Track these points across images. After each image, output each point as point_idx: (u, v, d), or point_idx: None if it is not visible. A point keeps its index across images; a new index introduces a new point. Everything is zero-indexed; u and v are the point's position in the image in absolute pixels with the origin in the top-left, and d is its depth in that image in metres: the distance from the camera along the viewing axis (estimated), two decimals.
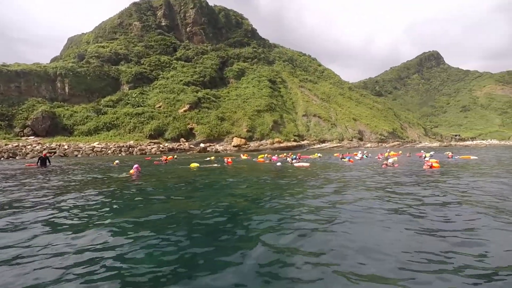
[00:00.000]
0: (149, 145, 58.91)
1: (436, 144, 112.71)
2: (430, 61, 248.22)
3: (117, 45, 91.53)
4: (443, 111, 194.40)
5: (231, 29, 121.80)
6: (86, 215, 5.96)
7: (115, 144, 55.06)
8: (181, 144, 62.42)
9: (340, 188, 8.71)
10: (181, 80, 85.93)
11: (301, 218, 5.41)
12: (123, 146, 54.07)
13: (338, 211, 5.84)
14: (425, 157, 21.49)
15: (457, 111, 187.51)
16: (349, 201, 6.83)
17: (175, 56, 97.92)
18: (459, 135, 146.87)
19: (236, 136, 70.71)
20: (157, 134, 65.55)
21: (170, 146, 59.38)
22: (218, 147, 65.49)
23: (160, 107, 73.50)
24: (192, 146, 62.81)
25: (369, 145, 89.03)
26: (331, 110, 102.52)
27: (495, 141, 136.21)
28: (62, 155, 43.67)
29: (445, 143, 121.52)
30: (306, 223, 5.03)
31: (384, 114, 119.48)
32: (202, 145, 63.13)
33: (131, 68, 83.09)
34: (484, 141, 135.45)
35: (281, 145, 72.16)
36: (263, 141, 72.99)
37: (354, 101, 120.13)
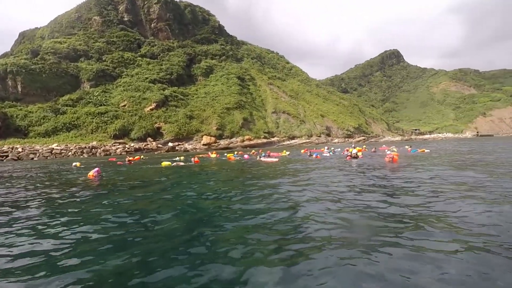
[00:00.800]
0: (114, 145, 56.35)
1: (398, 138, 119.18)
2: (391, 59, 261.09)
3: (76, 40, 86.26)
4: (404, 106, 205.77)
5: (198, 26, 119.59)
6: (28, 225, 5.48)
7: (76, 146, 52.06)
8: (148, 144, 60.41)
9: (305, 185, 8.79)
10: (146, 78, 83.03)
11: (268, 224, 4.92)
12: (85, 147, 51.27)
13: (300, 212, 5.88)
14: (389, 151, 22.47)
15: (416, 106, 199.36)
16: (312, 200, 6.93)
17: (139, 53, 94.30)
18: (419, 129, 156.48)
19: (206, 135, 69.76)
20: (122, 134, 62.91)
21: (137, 146, 57.25)
22: (187, 146, 64.24)
23: (124, 105, 70.53)
24: (160, 145, 61.03)
25: (336, 140, 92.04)
26: (300, 107, 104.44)
27: (450, 135, 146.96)
28: (16, 158, 40.43)
29: (406, 137, 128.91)
30: (270, 231, 4.52)
31: (350, 110, 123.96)
32: (170, 144, 61.57)
33: (92, 65, 78.75)
34: (440, 135, 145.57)
35: (251, 142, 72.31)
36: (233, 139, 72.70)
37: (322, 98, 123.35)
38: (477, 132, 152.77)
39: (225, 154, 29.97)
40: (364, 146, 31.71)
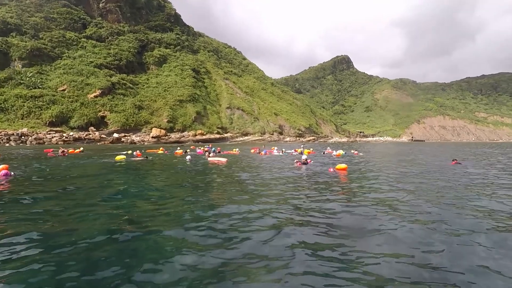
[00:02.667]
0: (49, 133, 51.03)
1: (344, 139, 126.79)
2: (342, 64, 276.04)
3: (6, 12, 75.77)
4: (351, 110, 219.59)
5: (152, 11, 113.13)
6: None
7: (1, 132, 46.02)
8: (90, 134, 55.79)
9: (252, 194, 8.46)
10: (91, 62, 76.36)
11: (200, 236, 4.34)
12: (13, 134, 45.63)
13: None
14: (335, 154, 23.39)
15: (361, 110, 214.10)
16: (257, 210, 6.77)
17: (84, 34, 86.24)
18: (363, 132, 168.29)
19: (156, 127, 66.71)
20: (60, 122, 57.18)
21: (77, 136, 52.55)
22: (135, 137, 60.77)
23: (64, 90, 64.07)
24: (103, 136, 56.78)
25: (288, 139, 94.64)
26: (254, 104, 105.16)
27: (389, 138, 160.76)
28: None
29: (352, 139, 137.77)
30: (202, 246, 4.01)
31: (302, 110, 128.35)
32: (115, 135, 57.70)
33: (26, 42, 69.92)
34: (381, 138, 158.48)
35: (204, 137, 70.97)
36: (185, 133, 70.64)
37: (276, 97, 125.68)
38: (412, 137, 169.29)
39: (178, 148, 28.77)
40: (311, 149, 32.85)
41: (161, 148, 29.83)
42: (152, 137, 62.40)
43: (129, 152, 23.01)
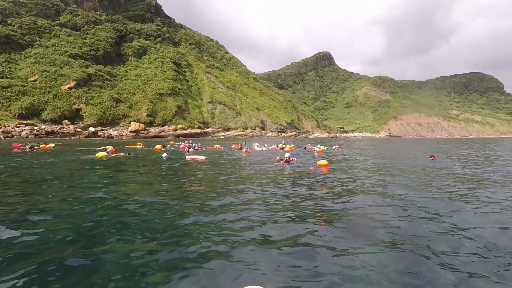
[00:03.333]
0: (18, 126, 48.30)
1: (325, 135, 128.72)
2: (324, 60, 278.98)
3: None
4: (332, 106, 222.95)
5: (131, 1, 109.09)
6: None
7: None
8: (64, 127, 53.28)
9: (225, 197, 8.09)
10: (65, 51, 72.70)
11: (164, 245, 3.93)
12: None
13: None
14: (317, 150, 23.40)
15: (342, 107, 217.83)
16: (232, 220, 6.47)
17: (58, 22, 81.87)
18: (343, 128, 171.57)
19: (135, 121, 64.74)
20: (31, 114, 54.20)
21: (49, 129, 50.04)
22: (112, 132, 58.70)
23: (35, 81, 60.69)
24: (78, 129, 54.40)
25: (270, 134, 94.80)
26: (237, 98, 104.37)
27: (368, 134, 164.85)
28: None
29: (332, 134, 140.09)
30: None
31: (284, 106, 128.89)
32: (92, 129, 55.42)
33: None
34: (361, 134, 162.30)
35: (185, 132, 69.68)
36: (165, 127, 69.05)
37: (258, 92, 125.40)
38: (390, 133, 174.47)
39: (164, 141, 27.90)
40: (293, 144, 32.90)
41: (138, 143, 28.79)
42: (131, 131, 60.51)
43: (107, 147, 21.97)
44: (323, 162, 13.11)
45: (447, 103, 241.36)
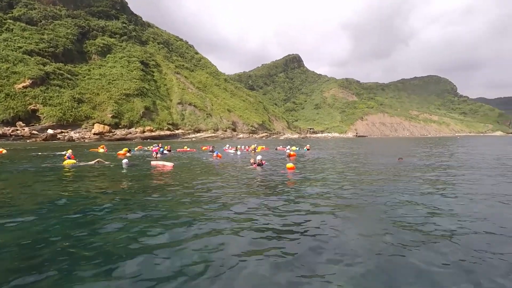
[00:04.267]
0: None
1: (296, 135, 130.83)
2: (293, 62, 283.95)
3: None
4: (302, 107, 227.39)
5: None
6: None
7: None
8: (17, 129, 49.26)
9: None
10: (20, 47, 67.20)
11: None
12: None
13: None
14: (289, 150, 23.39)
15: (311, 108, 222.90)
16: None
17: (10, 15, 75.50)
18: (313, 128, 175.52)
19: (98, 122, 61.48)
20: None
21: (0, 132, 45.95)
22: (73, 134, 55.29)
23: None
24: (35, 132, 50.60)
25: (241, 135, 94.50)
26: (207, 99, 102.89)
27: (336, 134, 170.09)
28: None
29: (303, 135, 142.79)
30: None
31: (255, 107, 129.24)
32: (50, 131, 51.81)
33: None
34: (329, 134, 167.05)
35: (153, 134, 67.48)
36: (132, 129, 66.37)
37: (229, 93, 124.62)
38: (356, 133, 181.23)
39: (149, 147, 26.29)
40: (264, 146, 32.91)
41: (101, 146, 26.97)
42: (94, 134, 57.39)
43: (66, 152, 20.34)
44: (290, 165, 13.24)
45: (408, 104, 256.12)
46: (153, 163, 14.63)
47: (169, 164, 14.17)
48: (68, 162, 14.43)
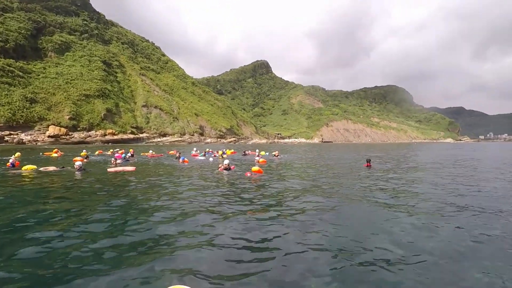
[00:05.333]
0: None
1: (264, 141, 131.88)
2: (261, 68, 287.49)
3: None
4: (270, 113, 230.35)
5: None
6: None
7: None
8: None
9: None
10: None
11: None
12: None
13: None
14: (258, 155, 23.23)
15: (279, 113, 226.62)
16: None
17: None
18: (281, 134, 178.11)
19: (54, 124, 57.35)
20: None
21: None
22: (24, 136, 51.06)
23: None
24: None
25: (209, 140, 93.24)
26: (174, 103, 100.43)
27: (303, 140, 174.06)
28: None
29: (271, 140, 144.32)
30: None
31: (224, 112, 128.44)
32: None
33: None
34: (296, 140, 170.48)
35: (115, 137, 64.32)
36: (92, 132, 62.75)
37: (197, 97, 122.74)
38: (322, 139, 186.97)
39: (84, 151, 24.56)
40: (233, 150, 32.67)
41: (55, 150, 24.67)
42: (49, 137, 53.39)
43: (17, 154, 18.61)
44: (257, 168, 13.10)
45: (370, 112, 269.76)
46: (110, 169, 13.43)
47: (130, 168, 13.36)
48: (28, 168, 12.68)
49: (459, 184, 10.59)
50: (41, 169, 12.93)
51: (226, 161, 14.17)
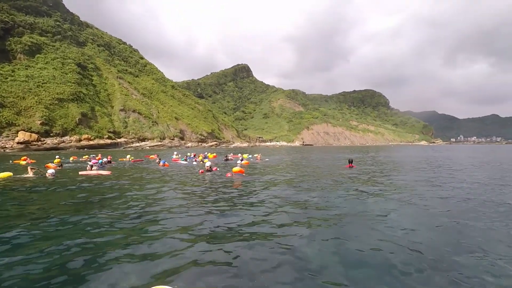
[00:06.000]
0: None
1: (245, 144, 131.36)
2: (242, 72, 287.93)
3: None
4: (251, 116, 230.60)
5: None
6: None
7: None
8: None
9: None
10: None
11: None
12: None
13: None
14: (242, 159, 22.80)
15: (260, 117, 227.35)
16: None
17: None
18: (262, 137, 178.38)
19: (24, 130, 54.20)
20: None
21: None
22: None
23: None
24: None
25: (190, 144, 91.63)
26: (153, 107, 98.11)
27: (284, 143, 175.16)
28: None
29: (252, 144, 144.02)
30: None
31: (205, 116, 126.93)
32: None
33: None
34: (278, 143, 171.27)
35: (91, 142, 61.75)
36: (66, 138, 59.87)
37: (177, 100, 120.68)
38: (303, 142, 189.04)
39: (57, 157, 23.04)
40: (215, 154, 32.02)
41: (23, 158, 22.81)
42: (18, 143, 50.32)
43: None
44: (238, 168, 12.89)
45: (348, 115, 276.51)
46: (82, 172, 12.60)
47: (105, 172, 12.54)
48: (3, 175, 11.84)
49: (436, 179, 10.65)
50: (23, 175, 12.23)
51: (208, 163, 13.93)
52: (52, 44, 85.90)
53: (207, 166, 13.59)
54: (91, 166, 14.92)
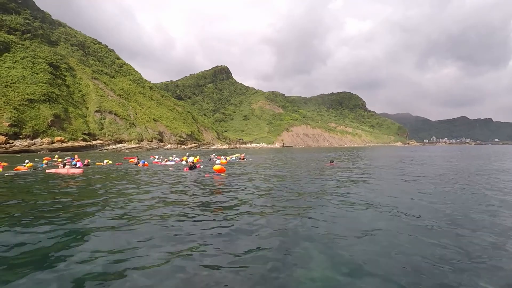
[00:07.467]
0: None
1: (226, 146, 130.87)
2: (222, 74, 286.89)
3: None
4: (231, 118, 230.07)
5: None
6: None
7: None
8: None
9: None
10: None
11: None
12: None
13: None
14: (225, 158, 22.82)
15: (240, 119, 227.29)
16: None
17: None
18: (242, 139, 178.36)
19: None
20: None
21: None
22: None
23: None
24: None
25: (169, 146, 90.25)
26: (130, 108, 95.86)
27: (264, 145, 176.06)
28: None
29: (232, 145, 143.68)
30: None
31: (184, 117, 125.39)
32: None
33: None
34: (258, 145, 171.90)
35: (65, 145, 59.53)
36: (37, 140, 57.38)
37: (155, 102, 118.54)
38: (283, 144, 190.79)
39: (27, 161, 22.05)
40: (198, 157, 31.83)
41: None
42: None
43: None
44: (218, 167, 13.01)
45: (327, 117, 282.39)
46: (50, 170, 12.19)
47: (76, 170, 12.26)
48: None
49: (407, 176, 11.41)
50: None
51: (191, 158, 13.94)
52: (22, 42, 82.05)
53: (189, 162, 13.64)
54: (64, 164, 14.55)
